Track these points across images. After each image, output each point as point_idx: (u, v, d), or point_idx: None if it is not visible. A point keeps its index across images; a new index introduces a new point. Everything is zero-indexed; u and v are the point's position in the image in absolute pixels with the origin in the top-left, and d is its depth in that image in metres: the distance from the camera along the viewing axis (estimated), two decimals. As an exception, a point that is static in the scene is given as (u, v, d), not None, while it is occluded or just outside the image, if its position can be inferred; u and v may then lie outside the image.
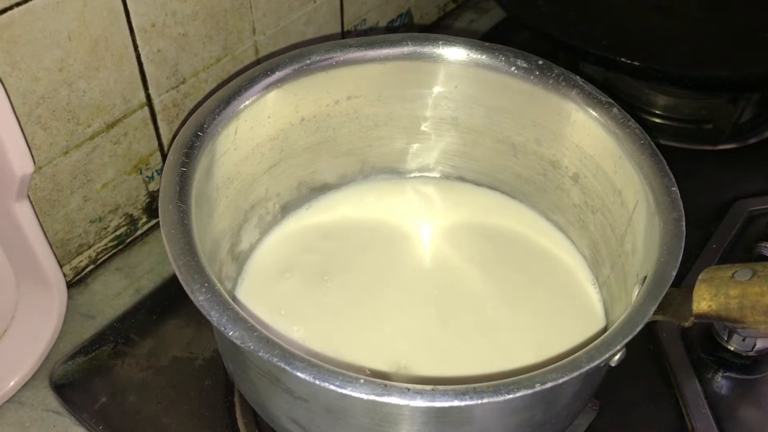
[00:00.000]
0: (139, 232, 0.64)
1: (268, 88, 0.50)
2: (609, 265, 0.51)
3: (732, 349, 0.56)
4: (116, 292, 0.60)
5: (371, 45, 0.52)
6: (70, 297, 0.57)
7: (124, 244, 0.63)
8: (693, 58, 0.67)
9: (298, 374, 0.35)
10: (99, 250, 0.61)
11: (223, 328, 0.37)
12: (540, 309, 0.52)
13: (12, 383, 0.53)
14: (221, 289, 0.38)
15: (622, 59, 0.65)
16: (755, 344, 0.55)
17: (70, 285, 0.59)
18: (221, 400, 0.53)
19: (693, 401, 0.53)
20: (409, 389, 0.35)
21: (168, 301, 0.59)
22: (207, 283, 0.38)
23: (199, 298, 0.38)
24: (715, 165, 0.72)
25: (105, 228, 0.60)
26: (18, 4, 0.46)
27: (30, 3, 0.46)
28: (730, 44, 0.69)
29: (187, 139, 0.45)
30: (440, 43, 0.53)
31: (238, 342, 0.36)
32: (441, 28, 0.88)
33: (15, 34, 0.47)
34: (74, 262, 0.59)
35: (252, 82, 0.49)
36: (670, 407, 0.53)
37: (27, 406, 0.53)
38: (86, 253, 0.60)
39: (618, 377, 0.47)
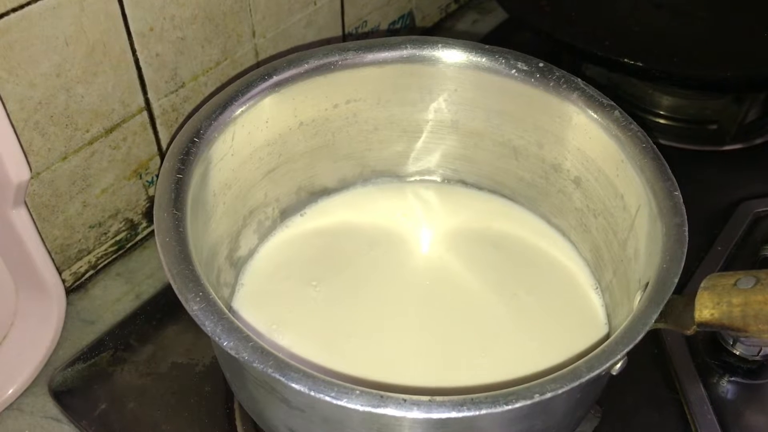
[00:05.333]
0: (139, 237, 0.64)
1: (266, 92, 0.49)
2: (611, 270, 0.51)
3: (737, 353, 0.55)
4: (116, 298, 0.60)
5: (370, 48, 0.52)
6: (69, 302, 0.57)
7: (124, 249, 0.63)
8: (697, 58, 0.67)
9: (293, 385, 0.35)
10: (99, 255, 0.61)
11: (217, 339, 0.37)
12: (542, 314, 0.52)
13: (11, 390, 0.53)
14: (216, 298, 0.38)
15: (626, 60, 0.65)
16: (761, 349, 0.54)
17: (70, 290, 0.59)
18: (221, 406, 0.53)
19: (698, 406, 0.52)
20: (405, 400, 0.34)
21: (168, 306, 0.59)
22: (201, 293, 0.38)
23: (193, 307, 0.38)
24: (720, 166, 0.71)
25: (105, 233, 0.60)
26: (14, 10, 0.46)
27: (26, 8, 0.46)
28: (735, 44, 0.68)
29: (183, 145, 0.45)
30: (439, 46, 0.52)
31: (232, 352, 0.36)
32: (443, 29, 0.87)
33: (11, 40, 0.46)
34: (74, 268, 0.59)
35: (249, 86, 0.49)
36: (674, 413, 0.52)
37: (26, 413, 0.53)
38: (86, 259, 0.60)
39: (621, 382, 0.46)
